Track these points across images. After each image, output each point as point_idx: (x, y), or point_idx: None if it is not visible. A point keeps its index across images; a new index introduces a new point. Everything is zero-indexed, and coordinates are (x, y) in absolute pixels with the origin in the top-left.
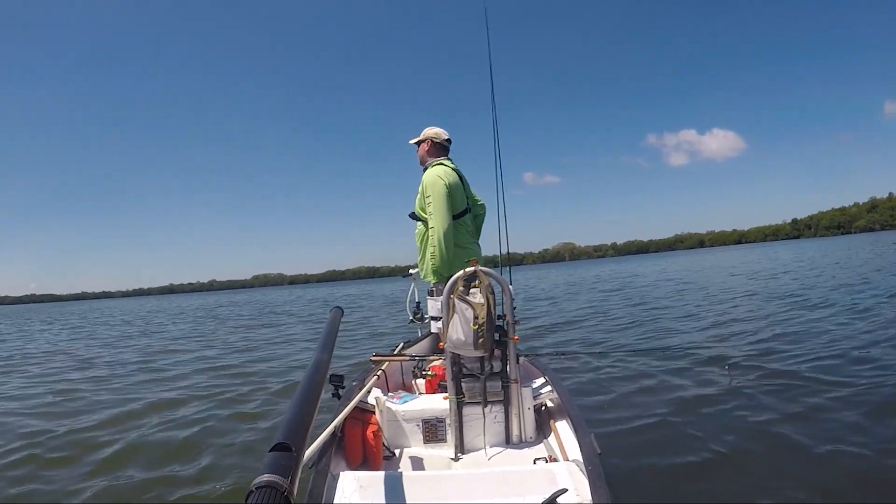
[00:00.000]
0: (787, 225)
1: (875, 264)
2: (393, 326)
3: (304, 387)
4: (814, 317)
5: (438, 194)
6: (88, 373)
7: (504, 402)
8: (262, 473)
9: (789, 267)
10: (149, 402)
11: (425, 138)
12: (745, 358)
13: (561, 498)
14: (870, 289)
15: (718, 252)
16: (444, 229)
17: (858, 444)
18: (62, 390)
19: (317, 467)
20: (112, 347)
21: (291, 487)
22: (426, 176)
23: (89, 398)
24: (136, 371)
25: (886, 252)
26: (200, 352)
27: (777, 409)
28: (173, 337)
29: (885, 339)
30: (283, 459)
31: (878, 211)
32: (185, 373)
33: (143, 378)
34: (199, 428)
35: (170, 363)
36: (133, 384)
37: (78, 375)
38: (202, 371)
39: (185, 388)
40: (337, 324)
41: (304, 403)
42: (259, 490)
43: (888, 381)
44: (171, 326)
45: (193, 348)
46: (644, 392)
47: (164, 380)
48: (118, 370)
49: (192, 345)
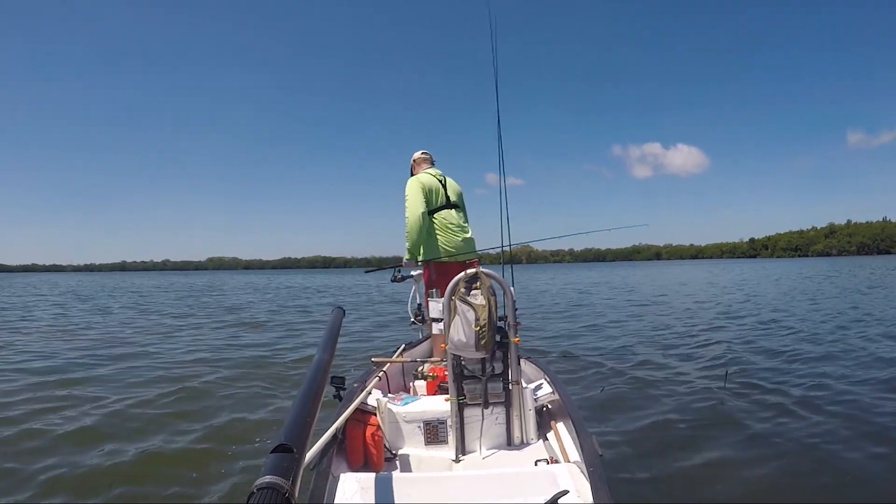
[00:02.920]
0: (745, 243)
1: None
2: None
3: (305, 388)
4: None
5: (412, 192)
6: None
7: (505, 404)
8: (263, 475)
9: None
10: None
11: (412, 161)
12: (742, 362)
13: (562, 500)
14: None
15: (684, 265)
16: (415, 215)
17: (850, 446)
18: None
19: (318, 469)
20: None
21: (293, 489)
22: (407, 183)
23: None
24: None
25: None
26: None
27: (773, 411)
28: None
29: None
30: (285, 461)
31: (835, 236)
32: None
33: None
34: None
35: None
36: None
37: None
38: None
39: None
40: (338, 324)
41: (306, 405)
42: (260, 491)
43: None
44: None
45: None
46: (645, 394)
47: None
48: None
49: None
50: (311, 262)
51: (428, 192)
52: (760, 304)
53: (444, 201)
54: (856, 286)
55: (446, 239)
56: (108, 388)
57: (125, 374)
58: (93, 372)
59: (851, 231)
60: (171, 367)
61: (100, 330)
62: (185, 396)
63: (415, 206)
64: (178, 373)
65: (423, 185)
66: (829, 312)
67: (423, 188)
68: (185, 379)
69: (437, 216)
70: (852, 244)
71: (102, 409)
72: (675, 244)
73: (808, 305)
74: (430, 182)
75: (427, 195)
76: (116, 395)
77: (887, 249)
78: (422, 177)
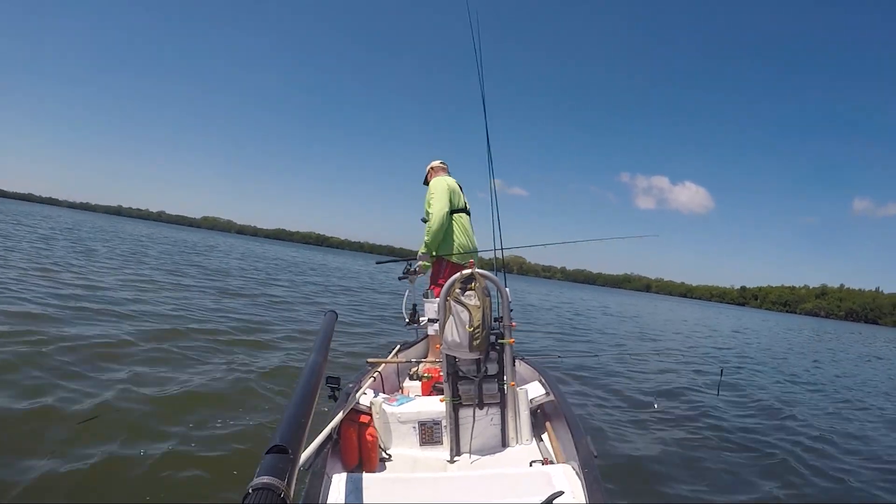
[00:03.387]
0: (736, 290)
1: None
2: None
3: (300, 389)
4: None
5: (440, 189)
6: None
7: (500, 405)
8: (258, 475)
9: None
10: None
11: (429, 168)
12: (734, 366)
13: (557, 500)
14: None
15: (679, 302)
16: (442, 212)
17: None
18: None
19: (313, 469)
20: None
21: (288, 489)
22: (432, 182)
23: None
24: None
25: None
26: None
27: (766, 415)
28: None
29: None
30: (280, 461)
31: (825, 298)
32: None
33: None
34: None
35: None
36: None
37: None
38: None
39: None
40: (332, 327)
41: (301, 406)
42: (256, 492)
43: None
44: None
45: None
46: (640, 395)
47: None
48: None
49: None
50: (304, 237)
51: (452, 193)
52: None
53: (462, 205)
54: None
55: (461, 241)
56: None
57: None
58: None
59: (843, 296)
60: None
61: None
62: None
63: (442, 204)
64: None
65: (448, 186)
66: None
67: (449, 189)
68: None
69: (456, 217)
70: (841, 309)
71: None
72: (666, 279)
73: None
74: (453, 185)
75: (451, 196)
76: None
77: (875, 319)
78: (447, 178)
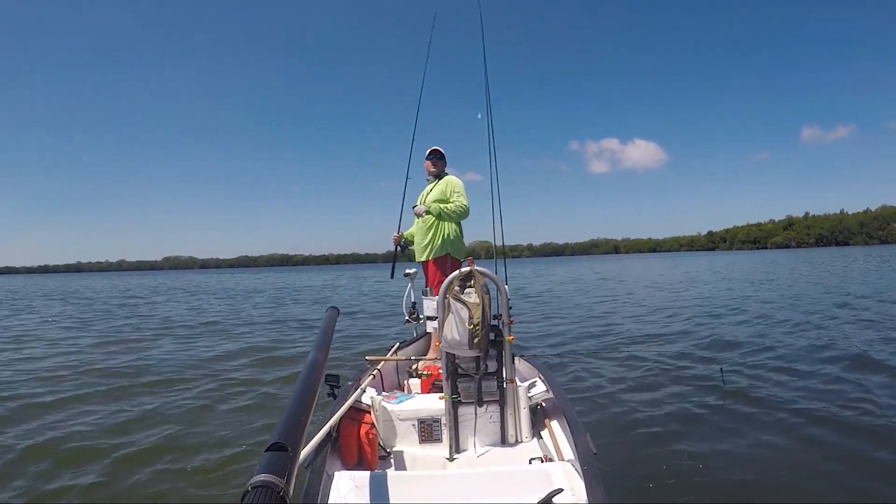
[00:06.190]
0: (703, 237)
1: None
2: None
3: (299, 387)
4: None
5: (464, 189)
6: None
7: (499, 402)
8: (258, 473)
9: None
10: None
11: (443, 157)
12: (737, 361)
13: (556, 498)
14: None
15: (646, 258)
16: (466, 209)
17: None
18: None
19: (312, 467)
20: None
21: (287, 487)
22: (452, 178)
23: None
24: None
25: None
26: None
27: (769, 411)
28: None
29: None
30: (279, 459)
31: (793, 229)
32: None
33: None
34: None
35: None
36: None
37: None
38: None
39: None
40: (332, 324)
41: (300, 403)
42: (255, 490)
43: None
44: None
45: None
46: (639, 392)
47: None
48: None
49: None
50: (268, 259)
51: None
52: (742, 295)
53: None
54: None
55: (463, 240)
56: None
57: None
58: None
59: (810, 223)
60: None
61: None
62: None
63: (467, 200)
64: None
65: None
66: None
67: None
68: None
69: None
70: (811, 236)
71: None
72: (633, 238)
73: (788, 296)
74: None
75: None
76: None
77: (845, 241)
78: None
